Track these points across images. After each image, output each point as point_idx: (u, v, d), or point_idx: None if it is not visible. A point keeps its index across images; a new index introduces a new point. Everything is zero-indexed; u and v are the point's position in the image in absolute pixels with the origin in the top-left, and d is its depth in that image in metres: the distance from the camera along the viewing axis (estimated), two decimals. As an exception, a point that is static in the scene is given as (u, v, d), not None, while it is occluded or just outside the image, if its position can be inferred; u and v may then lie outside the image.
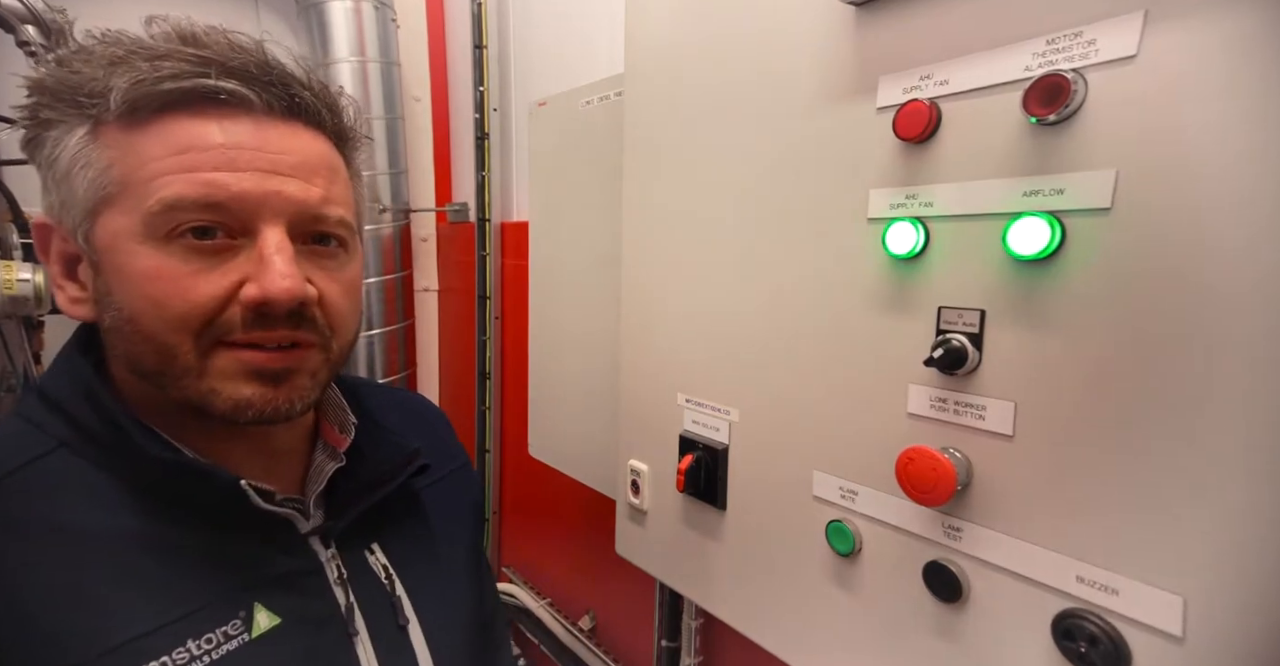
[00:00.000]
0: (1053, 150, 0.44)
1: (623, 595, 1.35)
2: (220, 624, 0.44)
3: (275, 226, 0.44)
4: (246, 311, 0.43)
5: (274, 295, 0.42)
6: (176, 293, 0.42)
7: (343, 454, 0.56)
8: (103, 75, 0.41)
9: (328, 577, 0.51)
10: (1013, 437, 0.48)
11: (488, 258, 1.66)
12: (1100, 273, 0.43)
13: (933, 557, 0.53)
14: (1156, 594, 0.42)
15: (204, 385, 0.43)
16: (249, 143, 0.43)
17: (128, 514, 0.44)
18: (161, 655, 0.41)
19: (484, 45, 1.59)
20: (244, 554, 0.47)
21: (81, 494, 0.43)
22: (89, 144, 0.42)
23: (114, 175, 0.42)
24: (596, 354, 1.11)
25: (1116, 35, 0.41)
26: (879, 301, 0.56)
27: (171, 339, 0.42)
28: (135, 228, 0.41)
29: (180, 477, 0.45)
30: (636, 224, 0.82)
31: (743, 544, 0.72)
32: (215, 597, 0.44)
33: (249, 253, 0.43)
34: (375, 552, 0.55)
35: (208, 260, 0.42)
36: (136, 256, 0.42)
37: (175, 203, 0.41)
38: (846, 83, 0.57)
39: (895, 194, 0.54)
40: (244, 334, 0.43)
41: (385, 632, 0.53)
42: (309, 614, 0.48)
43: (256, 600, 0.46)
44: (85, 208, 0.42)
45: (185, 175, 0.41)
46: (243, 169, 0.42)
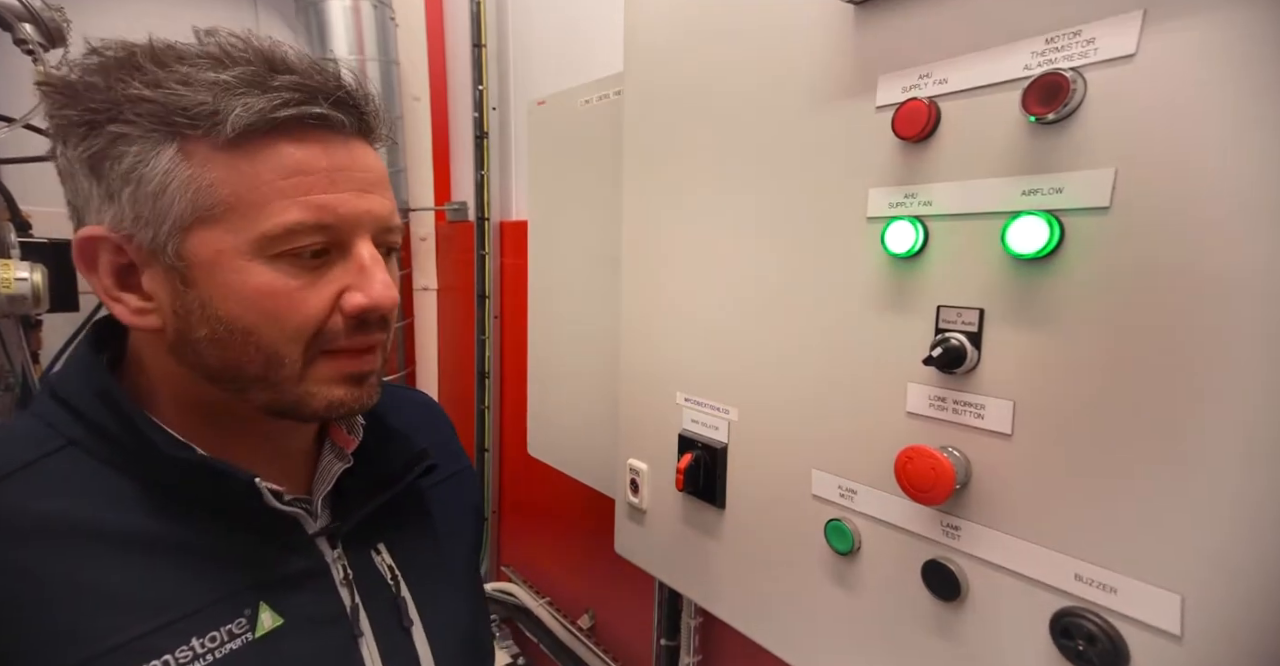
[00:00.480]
0: (1051, 149, 0.44)
1: (622, 594, 1.35)
2: (225, 622, 0.45)
3: (366, 239, 0.47)
4: (350, 319, 0.46)
5: (381, 303, 0.46)
6: (291, 306, 0.45)
7: (350, 455, 0.56)
8: (211, 100, 0.42)
9: (334, 578, 0.51)
10: (1011, 436, 0.48)
11: (487, 257, 1.66)
12: (1099, 271, 0.43)
13: (931, 556, 0.53)
14: (1155, 592, 0.42)
15: (301, 389, 0.47)
16: (343, 164, 0.46)
17: (135, 512, 0.45)
18: (164, 653, 0.42)
19: (483, 44, 1.59)
20: (251, 553, 0.48)
21: (88, 491, 0.44)
22: (182, 162, 0.43)
23: (220, 195, 0.43)
24: (596, 353, 1.11)
25: (1116, 34, 0.41)
26: (878, 300, 0.56)
27: (284, 349, 0.45)
28: (244, 246, 0.44)
29: (193, 476, 0.46)
30: (636, 223, 0.82)
31: (742, 543, 0.72)
32: (221, 596, 0.45)
33: (344, 264, 0.47)
34: (381, 553, 0.56)
35: (311, 274, 0.45)
36: (248, 273, 0.44)
37: (295, 227, 0.44)
38: (846, 82, 0.57)
39: (894, 193, 0.54)
40: (347, 341, 0.47)
41: (389, 634, 0.53)
42: (314, 614, 0.49)
43: (262, 599, 0.47)
44: (179, 223, 0.43)
45: (300, 199, 0.44)
46: (342, 189, 0.46)
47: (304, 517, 0.51)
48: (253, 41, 0.44)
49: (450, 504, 0.66)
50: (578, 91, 1.11)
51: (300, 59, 0.46)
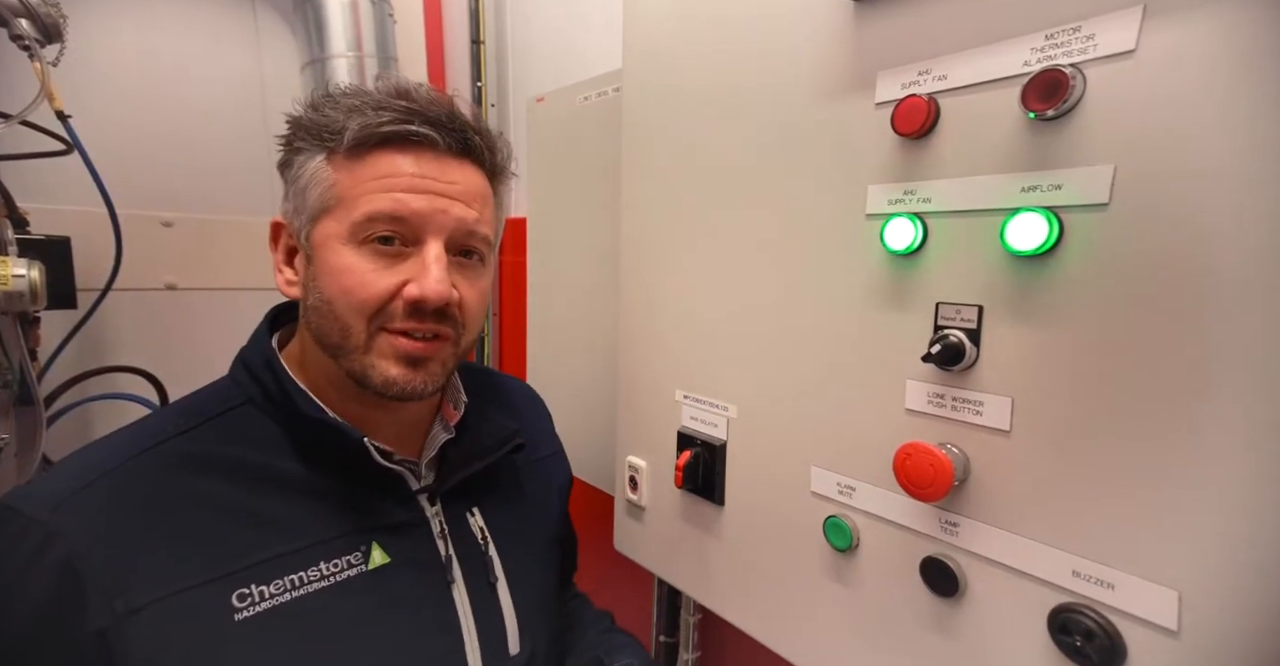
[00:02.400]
0: (1051, 145, 0.44)
1: (621, 591, 1.35)
2: (345, 553, 0.55)
3: (437, 240, 0.55)
4: (406, 305, 0.54)
5: (429, 296, 0.54)
6: (361, 284, 0.53)
7: (453, 427, 0.66)
8: (343, 119, 0.54)
9: (431, 530, 0.61)
10: (1010, 433, 0.48)
11: (486, 254, 1.66)
12: (1098, 268, 0.43)
13: (930, 553, 0.53)
14: (1152, 588, 0.42)
15: (367, 360, 0.55)
16: (430, 173, 0.55)
17: (288, 459, 0.56)
18: (300, 569, 0.52)
19: (481, 40, 1.59)
20: (367, 501, 0.57)
21: (257, 440, 0.56)
22: (323, 167, 0.55)
23: (336, 192, 0.54)
24: (595, 350, 1.11)
25: (1115, 30, 0.41)
26: (877, 297, 0.56)
27: (351, 320, 0.54)
28: (342, 232, 0.54)
29: (323, 433, 0.55)
30: (635, 220, 0.82)
31: (741, 539, 0.72)
32: (343, 533, 0.55)
33: (415, 259, 0.55)
34: (474, 515, 0.65)
35: (386, 261, 0.54)
36: (338, 254, 0.54)
37: (374, 214, 0.53)
38: (845, 78, 0.57)
39: (894, 190, 0.54)
40: (401, 323, 0.55)
41: (478, 586, 0.62)
42: (414, 557, 0.59)
43: (375, 540, 0.57)
44: (311, 214, 0.56)
45: (383, 194, 0.53)
46: (421, 192, 0.54)
47: (408, 476, 0.60)
48: (400, 82, 0.57)
49: (541, 482, 0.76)
50: (577, 88, 1.11)
51: (425, 92, 0.57)
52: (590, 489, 1.15)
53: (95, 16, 1.42)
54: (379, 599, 0.56)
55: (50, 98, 1.16)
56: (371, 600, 0.55)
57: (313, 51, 1.62)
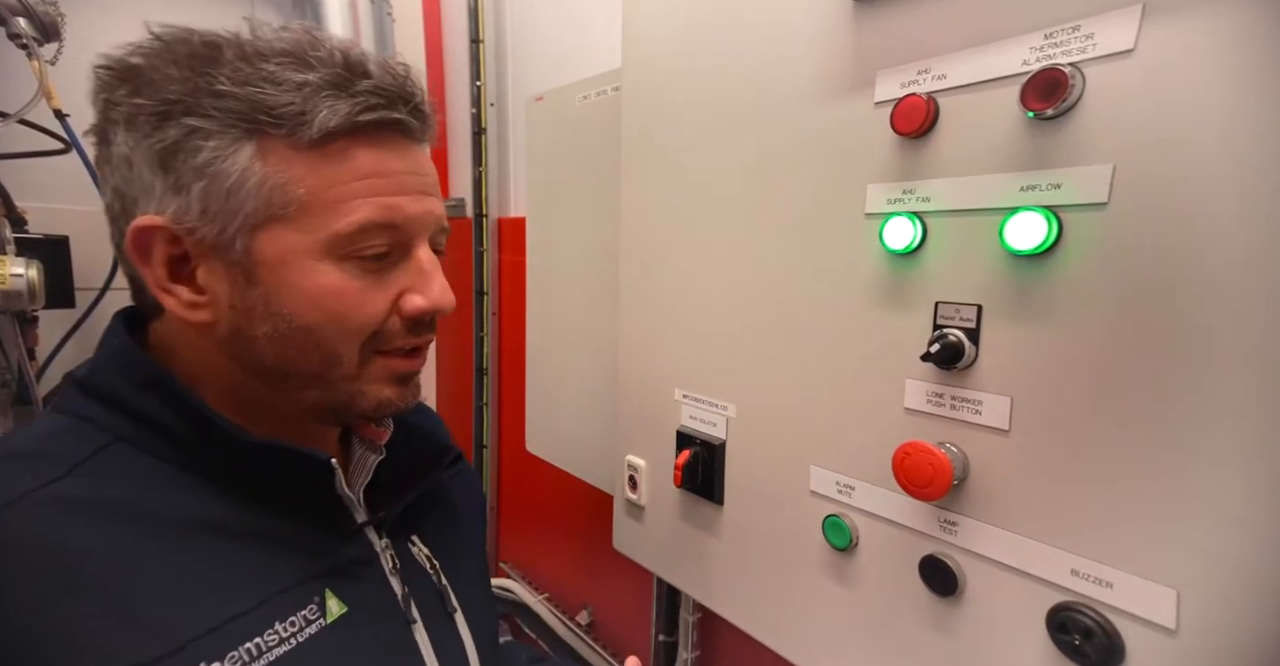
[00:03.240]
0: (1050, 145, 0.44)
1: (620, 590, 1.36)
2: (300, 608, 0.46)
3: (424, 242, 0.49)
4: (407, 320, 0.48)
5: (441, 305, 0.48)
6: (354, 306, 0.46)
7: (382, 447, 0.58)
8: (299, 101, 0.42)
9: (383, 567, 0.53)
10: (1009, 432, 0.48)
11: (485, 253, 1.66)
12: (1097, 267, 0.43)
13: (929, 552, 0.53)
14: (1150, 587, 0.42)
15: (354, 388, 0.48)
16: (411, 167, 0.48)
17: (203, 502, 0.45)
18: (254, 636, 0.43)
19: (481, 39, 1.59)
20: (311, 541, 0.49)
21: (153, 483, 0.44)
22: (259, 160, 0.43)
23: (295, 194, 0.43)
24: (594, 349, 1.11)
25: (1114, 29, 0.41)
26: (876, 296, 0.56)
27: (343, 347, 0.46)
28: (315, 246, 0.44)
29: (256, 464, 0.46)
30: (634, 219, 0.82)
31: (740, 539, 0.72)
32: (293, 583, 0.46)
33: (403, 267, 0.48)
34: (416, 543, 0.58)
35: (374, 276, 0.47)
36: (316, 273, 0.45)
37: (366, 225, 0.45)
38: (844, 77, 0.57)
39: (893, 189, 0.54)
40: (405, 341, 0.49)
41: (438, 621, 0.55)
42: (371, 602, 0.51)
43: (327, 587, 0.48)
44: (250, 220, 0.44)
45: (372, 200, 0.45)
46: (409, 192, 0.47)
47: (356, 505, 0.53)
48: (327, 41, 0.45)
49: (461, 497, 0.68)
50: (576, 87, 1.11)
51: (374, 61, 0.46)
52: (589, 488, 1.15)
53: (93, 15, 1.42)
54: (345, 657, 0.47)
55: (48, 96, 1.16)
56: (337, 658, 0.46)
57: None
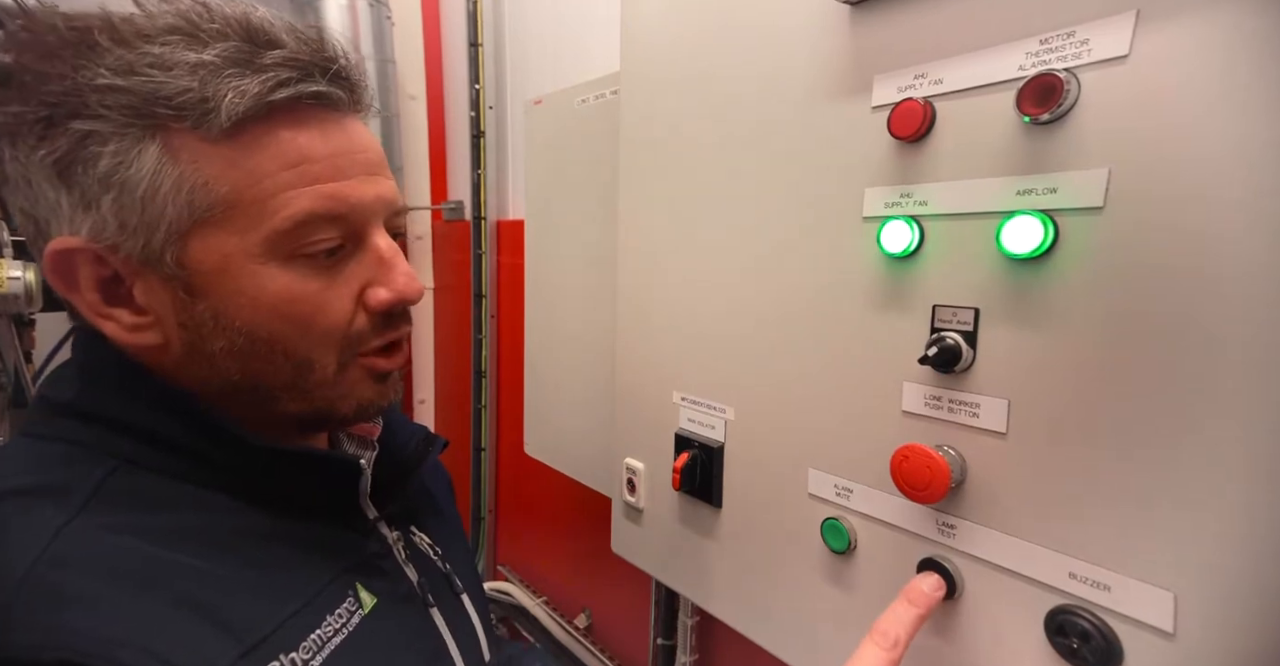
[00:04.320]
0: (1046, 149, 0.45)
1: (619, 593, 1.36)
2: (341, 601, 0.46)
3: (380, 228, 0.45)
4: (376, 316, 0.45)
5: (408, 295, 0.45)
6: (316, 310, 0.42)
7: (374, 442, 0.57)
8: (197, 85, 0.37)
9: (398, 558, 0.53)
10: (1006, 435, 0.48)
11: (483, 256, 1.66)
12: (1093, 271, 0.43)
13: (927, 554, 0.54)
14: (1147, 590, 0.42)
15: (333, 393, 0.46)
16: (344, 147, 0.43)
17: (235, 513, 0.44)
18: (315, 629, 0.42)
19: (480, 43, 1.59)
20: (336, 540, 0.49)
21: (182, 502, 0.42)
22: (169, 160, 0.38)
23: (219, 194, 0.39)
24: (593, 352, 1.11)
25: (1109, 35, 0.41)
26: (874, 300, 0.56)
27: (315, 355, 0.44)
28: (254, 248, 0.40)
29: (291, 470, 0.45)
30: (632, 222, 0.82)
31: (738, 541, 0.72)
32: (331, 579, 0.46)
33: (360, 258, 0.44)
34: (416, 533, 0.58)
35: (329, 273, 0.43)
36: (263, 278, 0.41)
37: (306, 219, 0.40)
38: (842, 81, 0.57)
39: (890, 193, 0.54)
40: (378, 338, 0.46)
41: (449, 603, 0.56)
42: (395, 591, 0.51)
43: (357, 581, 0.48)
44: (175, 229, 0.39)
45: (308, 189, 0.40)
46: (349, 175, 0.42)
47: (366, 503, 0.52)
48: (222, 8, 0.39)
49: (435, 480, 0.69)
50: (574, 91, 1.11)
51: (283, 27, 0.41)
52: (588, 491, 1.15)
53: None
54: (385, 642, 0.47)
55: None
56: (381, 645, 0.47)
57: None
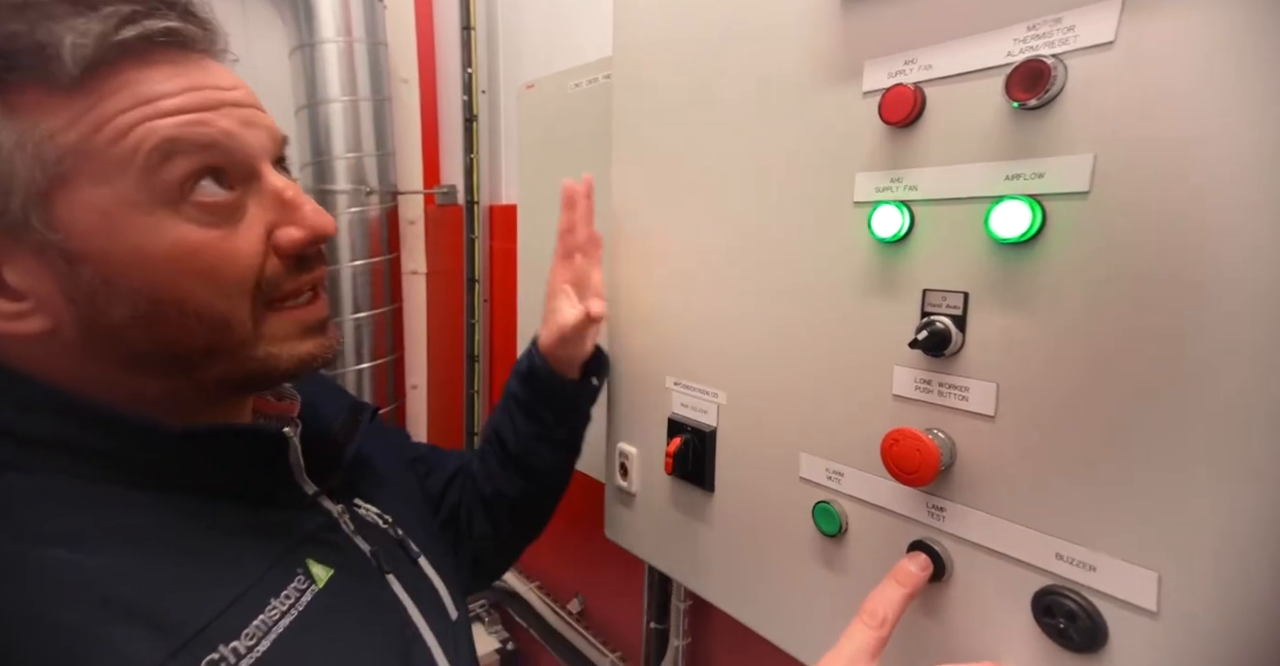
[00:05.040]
0: (1034, 134, 0.45)
1: (611, 578, 1.37)
2: (289, 581, 0.44)
3: (268, 165, 0.42)
4: (288, 259, 0.42)
5: (320, 228, 0.42)
6: (222, 258, 0.39)
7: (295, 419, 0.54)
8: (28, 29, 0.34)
9: (345, 530, 0.52)
10: (995, 418, 0.49)
11: (476, 241, 1.65)
12: (1079, 255, 0.43)
13: (917, 537, 0.54)
14: (1132, 569, 0.43)
15: (260, 352, 0.43)
16: (208, 82, 0.39)
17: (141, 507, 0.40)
18: (258, 613, 0.40)
19: (472, 26, 1.58)
20: (272, 520, 0.47)
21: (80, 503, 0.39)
22: (8, 116, 0.35)
23: (66, 143, 0.35)
24: (585, 338, 1.11)
25: (1095, 21, 0.41)
26: (865, 284, 0.56)
27: (227, 308, 0.40)
28: (132, 195, 0.37)
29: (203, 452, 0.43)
30: (624, 207, 0.82)
31: (730, 525, 0.72)
32: (274, 559, 0.44)
33: (257, 199, 0.42)
34: (361, 506, 0.57)
35: (229, 217, 0.40)
36: (154, 229, 0.37)
37: (171, 148, 0.37)
38: (833, 67, 0.57)
39: (881, 177, 0.54)
40: (293, 282, 0.43)
41: (405, 568, 0.56)
42: (348, 562, 0.50)
43: (307, 556, 0.46)
44: (35, 189, 0.36)
45: (166, 120, 0.37)
46: (214, 107, 0.39)
47: (303, 479, 0.50)
48: None
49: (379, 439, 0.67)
50: (567, 75, 1.10)
51: None
52: (580, 476, 1.15)
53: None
54: (340, 618, 0.46)
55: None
56: (336, 622, 0.45)
57: (301, 36, 1.61)
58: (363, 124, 1.66)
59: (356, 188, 1.68)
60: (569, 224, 0.76)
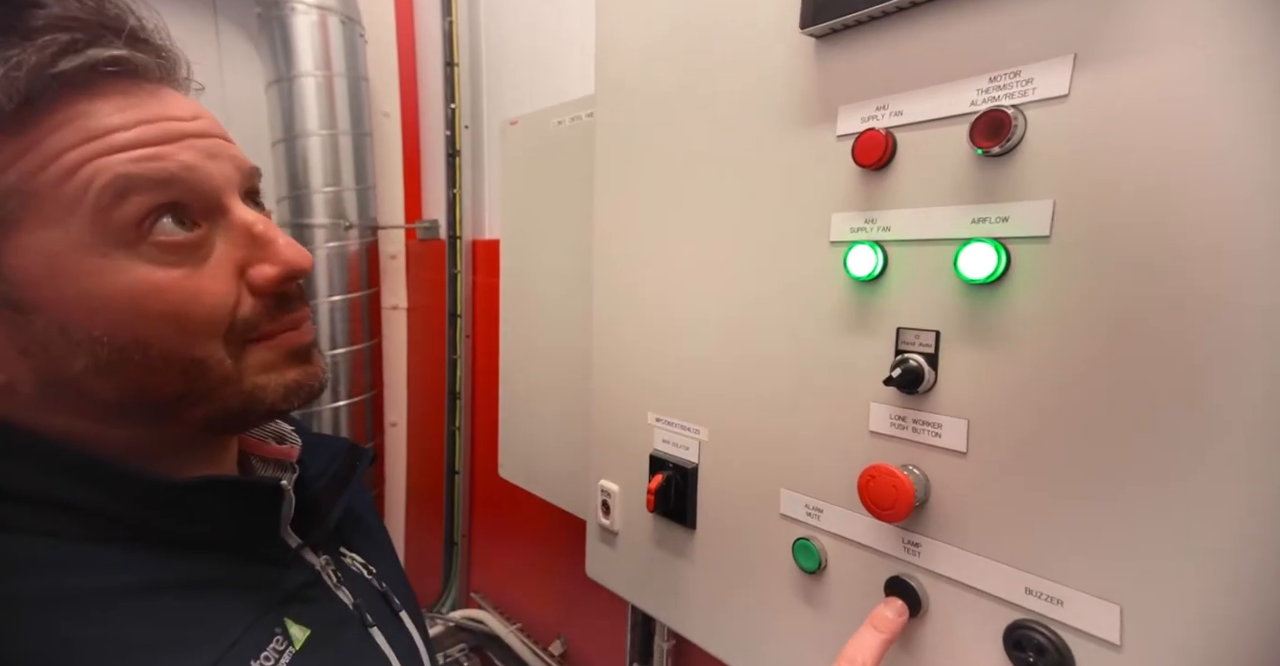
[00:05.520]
0: (997, 180, 0.47)
1: (594, 618, 1.35)
2: (267, 643, 0.41)
3: (236, 199, 0.40)
4: (266, 298, 0.40)
5: (296, 265, 0.39)
6: (188, 297, 0.37)
7: (294, 463, 0.53)
8: None
9: (328, 583, 0.50)
10: (966, 454, 0.50)
11: (459, 275, 1.66)
12: (1042, 297, 0.45)
13: (894, 573, 0.55)
14: (1096, 603, 0.43)
15: (245, 387, 0.40)
16: (164, 114, 0.37)
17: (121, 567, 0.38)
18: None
19: (456, 62, 1.61)
20: (253, 577, 0.44)
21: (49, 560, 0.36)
22: None
23: (8, 184, 0.33)
24: (568, 373, 1.11)
25: (1050, 75, 0.44)
26: (842, 322, 0.57)
27: (202, 351, 0.38)
28: (86, 237, 0.34)
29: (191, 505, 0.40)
30: (607, 244, 0.83)
31: (712, 563, 0.72)
32: (251, 622, 0.41)
33: (225, 235, 0.39)
34: (347, 555, 0.55)
35: (193, 257, 0.37)
36: (110, 273, 0.35)
37: (126, 186, 0.34)
38: (809, 110, 0.59)
39: (855, 218, 0.56)
40: (272, 324, 0.40)
41: (387, 621, 0.53)
42: (329, 618, 0.47)
43: (285, 616, 0.44)
44: None
45: (119, 155, 0.34)
46: (172, 140, 0.36)
47: (287, 532, 0.48)
48: None
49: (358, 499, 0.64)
50: (551, 112, 1.13)
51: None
52: (562, 514, 1.15)
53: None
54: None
55: None
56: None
57: (279, 69, 1.63)
58: (342, 157, 1.67)
59: (335, 221, 1.68)
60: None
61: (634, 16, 0.76)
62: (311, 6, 1.60)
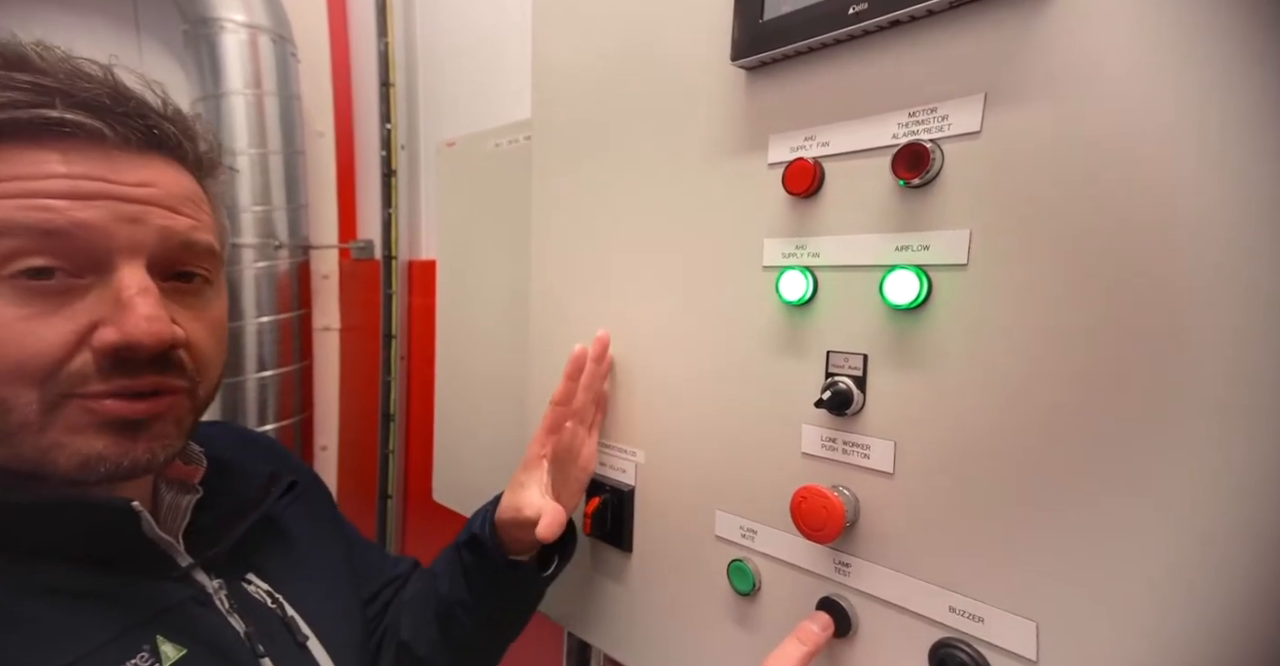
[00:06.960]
0: (918, 210, 0.49)
1: (529, 644, 1.31)
2: (129, 657, 0.40)
3: (134, 262, 0.41)
4: (103, 358, 0.40)
5: (137, 338, 0.39)
6: (15, 338, 0.38)
7: (197, 486, 0.53)
8: None
9: (219, 607, 0.49)
10: (893, 475, 0.51)
11: (394, 296, 1.62)
12: (961, 322, 0.47)
13: (826, 593, 0.55)
14: (1013, 620, 0.45)
15: (44, 440, 0.39)
16: (96, 172, 0.39)
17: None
18: None
19: (392, 83, 1.59)
20: (129, 591, 0.44)
21: None
22: None
23: None
24: (504, 395, 1.10)
25: (964, 112, 0.46)
26: (775, 345, 0.59)
27: (8, 391, 0.38)
28: None
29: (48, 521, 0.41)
30: (543, 267, 0.82)
31: (648, 587, 0.72)
32: (115, 633, 0.41)
33: (100, 292, 0.40)
34: (252, 582, 0.54)
35: (47, 302, 0.39)
36: None
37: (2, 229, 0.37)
38: (740, 138, 0.60)
39: (786, 244, 0.57)
40: (103, 384, 0.40)
41: (288, 652, 0.52)
42: (213, 640, 0.46)
43: (158, 633, 0.43)
44: None
45: (13, 201, 0.37)
46: (90, 198, 0.39)
47: (175, 550, 0.47)
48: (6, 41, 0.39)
49: (307, 519, 0.65)
50: (489, 134, 1.12)
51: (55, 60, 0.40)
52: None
53: None
54: None
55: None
56: None
57: (205, 87, 1.58)
58: (272, 176, 1.63)
59: (264, 241, 1.63)
60: (565, 394, 0.69)
61: (570, 43, 0.77)
62: (241, 25, 1.56)
